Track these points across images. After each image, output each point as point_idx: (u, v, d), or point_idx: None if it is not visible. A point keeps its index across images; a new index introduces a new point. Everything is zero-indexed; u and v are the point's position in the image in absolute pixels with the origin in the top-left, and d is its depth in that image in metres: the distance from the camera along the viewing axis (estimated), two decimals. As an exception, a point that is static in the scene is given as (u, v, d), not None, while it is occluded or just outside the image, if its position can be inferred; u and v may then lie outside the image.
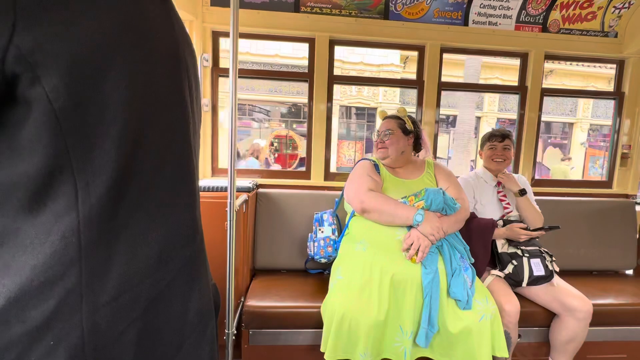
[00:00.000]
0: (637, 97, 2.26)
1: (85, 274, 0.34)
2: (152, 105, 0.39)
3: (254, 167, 4.49)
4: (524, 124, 2.24)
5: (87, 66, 0.32)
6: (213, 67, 2.03)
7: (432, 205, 1.38)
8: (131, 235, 0.37)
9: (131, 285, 0.37)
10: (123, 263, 0.36)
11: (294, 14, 2.01)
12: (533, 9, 2.11)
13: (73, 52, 0.31)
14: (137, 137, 0.37)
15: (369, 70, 8.23)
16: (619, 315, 1.65)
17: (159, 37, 0.40)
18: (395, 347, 1.28)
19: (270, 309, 1.49)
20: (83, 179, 0.33)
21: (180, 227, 0.44)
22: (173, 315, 0.42)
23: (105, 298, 0.35)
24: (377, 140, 1.65)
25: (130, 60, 0.36)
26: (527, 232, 1.58)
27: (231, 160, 1.26)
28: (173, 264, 0.42)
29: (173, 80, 0.43)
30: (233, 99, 1.22)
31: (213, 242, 1.51)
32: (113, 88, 0.34)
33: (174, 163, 0.43)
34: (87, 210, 0.34)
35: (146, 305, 0.38)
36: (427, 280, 1.28)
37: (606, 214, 2.11)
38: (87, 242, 0.34)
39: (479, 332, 1.27)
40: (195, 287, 0.46)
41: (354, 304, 1.28)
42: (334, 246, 1.66)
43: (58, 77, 0.30)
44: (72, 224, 0.33)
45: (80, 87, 0.32)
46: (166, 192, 0.42)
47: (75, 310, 0.33)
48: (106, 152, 0.34)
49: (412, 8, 2.06)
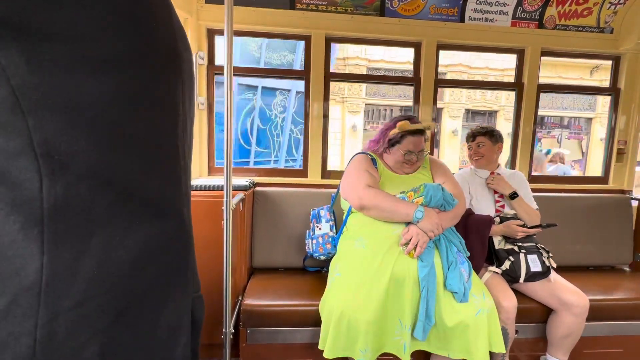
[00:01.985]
0: (632, 93, 2.27)
1: (47, 273, 0.30)
2: (138, 96, 0.36)
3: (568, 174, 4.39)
4: (520, 120, 2.24)
5: (60, 47, 0.29)
6: (208, 65, 2.02)
7: (432, 202, 1.39)
8: (107, 236, 0.34)
9: (100, 291, 0.33)
10: (94, 265, 0.33)
11: (289, 11, 1.99)
12: (529, 5, 2.11)
13: (43, 25, 0.28)
14: (118, 129, 0.34)
15: (494, 75, 8.60)
16: (616, 310, 1.66)
17: (157, 28, 0.38)
18: (396, 340, 1.29)
19: (268, 308, 1.49)
20: (48, 166, 0.30)
21: (164, 232, 0.40)
22: (141, 329, 0.38)
23: (68, 303, 0.31)
24: (411, 159, 1.54)
25: (125, 50, 0.33)
26: (524, 229, 1.59)
27: (227, 159, 1.25)
28: (150, 272, 0.38)
29: (164, 73, 0.40)
30: (228, 96, 1.21)
31: (210, 241, 1.51)
32: (90, 71, 0.31)
33: (161, 162, 0.40)
34: (52, 200, 0.30)
35: (114, 317, 0.34)
36: (423, 273, 1.29)
37: (602, 209, 2.12)
38: (51, 235, 0.30)
39: (476, 326, 1.28)
40: (169, 298, 0.41)
41: (352, 301, 1.28)
42: (332, 243, 1.65)
43: (19, 50, 0.27)
44: (34, 214, 0.30)
45: (45, 64, 0.28)
46: (152, 193, 0.38)
47: (29, 313, 0.29)
48: (78, 139, 0.31)
49: (408, 5, 2.05)
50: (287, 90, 7.51)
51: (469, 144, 1.88)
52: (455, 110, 9.03)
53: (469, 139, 1.87)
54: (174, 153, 0.43)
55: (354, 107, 8.86)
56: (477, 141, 1.82)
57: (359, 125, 8.86)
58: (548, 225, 1.58)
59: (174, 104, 0.42)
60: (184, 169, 0.45)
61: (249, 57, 7.07)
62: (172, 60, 0.41)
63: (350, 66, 8.45)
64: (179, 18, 0.45)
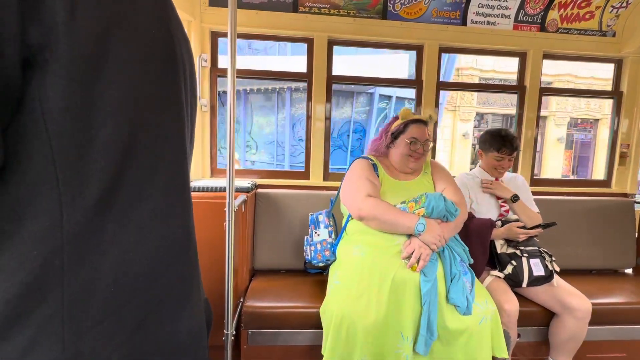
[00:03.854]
0: (635, 96, 2.26)
1: (67, 299, 0.30)
2: (145, 107, 0.35)
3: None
4: (522, 123, 2.24)
5: (82, 63, 0.29)
6: (212, 67, 2.03)
7: (434, 213, 1.34)
8: (120, 252, 0.33)
9: (118, 306, 0.33)
10: (110, 283, 0.33)
11: (292, 14, 2.00)
12: (531, 9, 2.11)
13: (72, 47, 0.27)
14: (128, 143, 0.33)
15: (597, 84, 8.99)
16: (618, 314, 1.65)
17: (154, 33, 0.37)
18: (398, 353, 1.25)
19: (270, 309, 1.49)
20: (69, 193, 0.29)
21: (173, 241, 0.40)
22: (162, 337, 0.38)
23: (89, 323, 0.31)
24: (416, 150, 1.49)
25: (121, 58, 0.32)
26: (525, 230, 1.58)
27: (230, 160, 1.25)
28: (163, 281, 0.38)
29: (168, 80, 0.39)
30: (231, 98, 1.22)
31: (212, 242, 1.51)
32: (103, 88, 0.31)
33: (167, 171, 0.39)
34: (72, 228, 0.30)
35: (133, 328, 0.35)
36: (425, 288, 1.25)
37: (605, 213, 2.11)
38: (70, 263, 0.30)
39: (480, 334, 1.26)
40: (186, 305, 0.42)
41: (352, 307, 1.26)
42: (331, 249, 1.60)
43: (52, 75, 0.27)
44: (55, 245, 0.29)
45: (72, 86, 0.28)
46: (158, 203, 0.38)
47: (56, 339, 0.29)
48: (94, 160, 0.30)
49: (411, 8, 2.06)
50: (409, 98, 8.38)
51: (501, 154, 1.68)
52: (560, 119, 9.59)
53: (506, 151, 1.68)
54: (182, 159, 0.42)
55: (466, 116, 9.42)
56: (512, 154, 1.69)
57: (469, 133, 9.40)
58: (548, 224, 1.57)
59: (178, 108, 0.42)
60: (188, 177, 0.45)
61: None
62: (171, 64, 0.40)
63: (464, 76, 9.02)
64: (180, 21, 0.44)
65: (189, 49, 0.47)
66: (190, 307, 0.42)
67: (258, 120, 7.69)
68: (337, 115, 9.52)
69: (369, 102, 8.76)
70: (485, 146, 1.76)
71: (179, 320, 0.40)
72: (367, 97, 8.85)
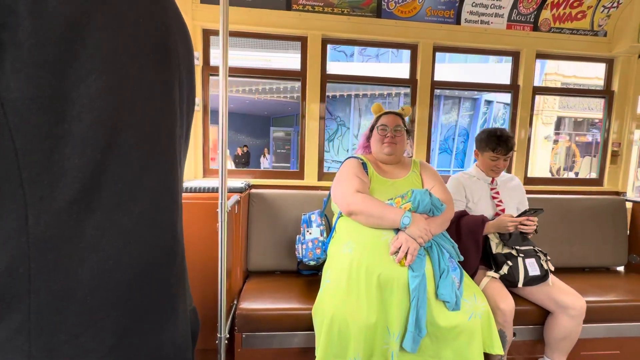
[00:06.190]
0: (626, 95, 2.29)
1: (35, 310, 0.27)
2: (131, 103, 0.32)
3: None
4: (516, 123, 2.25)
5: (52, 48, 0.25)
6: (204, 65, 2.00)
7: (419, 207, 1.36)
8: (100, 260, 0.30)
9: (96, 318, 0.30)
10: (87, 293, 0.29)
11: (285, 12, 1.98)
12: (524, 8, 2.12)
13: (39, 28, 0.24)
14: (110, 139, 0.30)
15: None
16: (612, 312, 1.66)
17: (144, 22, 0.34)
18: (384, 349, 1.25)
19: (264, 312, 1.47)
20: (35, 193, 0.26)
21: (160, 248, 0.37)
22: (144, 350, 0.35)
23: (63, 337, 0.28)
24: (386, 135, 1.57)
25: (102, 47, 0.29)
26: (513, 218, 1.57)
27: (222, 160, 1.23)
28: (147, 290, 0.35)
29: (159, 74, 0.36)
30: (223, 98, 1.19)
31: (204, 243, 1.48)
32: (79, 77, 0.27)
33: (156, 172, 0.36)
34: (40, 232, 0.27)
35: (113, 342, 0.32)
36: (414, 284, 1.25)
37: (597, 211, 2.13)
38: (39, 271, 0.27)
39: (469, 330, 1.26)
40: (171, 316, 0.39)
41: (342, 306, 1.25)
42: (322, 247, 1.62)
43: (13, 60, 0.24)
44: (20, 251, 0.26)
45: (39, 74, 0.25)
46: (146, 207, 0.35)
47: (21, 356, 0.27)
48: (67, 157, 0.27)
49: (405, 6, 2.05)
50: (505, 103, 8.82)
51: (496, 154, 1.68)
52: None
53: (502, 150, 1.67)
54: (173, 160, 0.39)
55: (547, 119, 9.82)
56: (507, 154, 1.69)
57: (551, 136, 9.79)
58: (534, 210, 1.56)
59: (171, 105, 0.38)
60: (179, 180, 0.42)
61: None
62: (164, 58, 0.37)
63: (548, 81, 9.43)
64: (178, 10, 0.41)
65: (187, 41, 0.43)
66: (175, 317, 0.39)
67: (365, 124, 8.05)
68: (443, 120, 9.88)
69: (472, 107, 9.36)
70: (481, 145, 1.76)
71: (163, 332, 0.37)
72: (472, 103, 9.51)
